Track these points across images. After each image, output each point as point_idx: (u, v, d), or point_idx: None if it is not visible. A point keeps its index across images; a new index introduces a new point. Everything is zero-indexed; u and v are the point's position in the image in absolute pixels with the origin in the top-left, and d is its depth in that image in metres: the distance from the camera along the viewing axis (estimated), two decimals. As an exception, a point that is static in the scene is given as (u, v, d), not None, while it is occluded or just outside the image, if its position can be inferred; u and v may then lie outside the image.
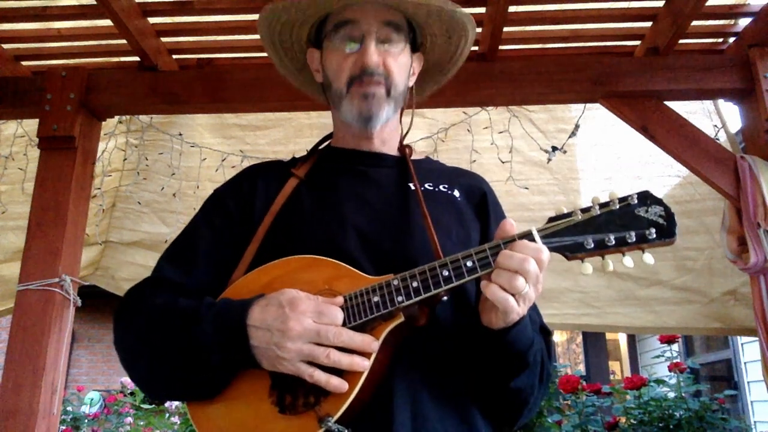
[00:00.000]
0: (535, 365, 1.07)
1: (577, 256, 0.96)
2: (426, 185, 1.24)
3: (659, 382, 3.42)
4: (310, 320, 0.96)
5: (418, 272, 0.99)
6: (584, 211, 0.97)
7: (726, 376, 6.70)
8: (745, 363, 6.13)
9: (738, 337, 6.01)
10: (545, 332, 1.21)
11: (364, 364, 0.95)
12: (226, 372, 1.03)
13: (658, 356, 3.73)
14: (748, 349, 6.02)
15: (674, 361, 3.48)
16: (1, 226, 2.97)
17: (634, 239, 0.94)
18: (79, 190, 2.29)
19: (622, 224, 0.95)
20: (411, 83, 1.32)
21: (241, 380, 1.03)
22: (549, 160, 2.64)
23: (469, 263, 0.97)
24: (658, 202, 0.95)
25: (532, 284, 0.94)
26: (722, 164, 2.18)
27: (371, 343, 0.97)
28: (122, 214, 3.15)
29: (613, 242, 0.94)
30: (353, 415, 0.96)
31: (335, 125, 1.34)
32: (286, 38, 1.34)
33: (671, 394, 3.36)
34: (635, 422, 3.24)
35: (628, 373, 9.10)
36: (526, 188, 2.79)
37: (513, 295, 0.93)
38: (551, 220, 0.99)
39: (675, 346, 3.57)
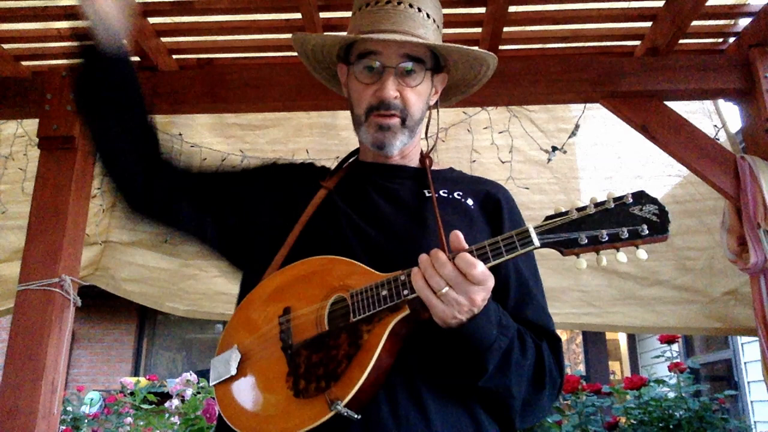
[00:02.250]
0: (505, 368, 1.08)
1: (571, 251, 1.00)
2: (441, 192, 1.31)
3: (659, 382, 3.41)
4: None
5: None
6: (580, 209, 1.01)
7: (726, 376, 6.70)
8: (745, 363, 6.13)
9: (738, 337, 6.01)
10: (550, 336, 1.22)
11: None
12: None
13: (658, 356, 3.72)
14: (748, 349, 6.02)
15: (674, 361, 3.48)
16: (1, 226, 2.97)
17: (627, 235, 0.97)
18: (79, 190, 2.29)
19: (617, 222, 0.98)
20: (433, 101, 1.40)
21: (262, 367, 1.14)
22: (549, 160, 2.64)
23: None
24: (653, 200, 0.98)
25: (455, 288, 0.99)
26: (722, 164, 2.18)
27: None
28: (122, 214, 3.14)
29: (606, 238, 0.98)
30: (363, 402, 1.02)
31: (359, 140, 1.41)
32: (318, 54, 1.44)
33: (671, 394, 3.35)
34: (635, 422, 3.24)
35: (628, 373, 9.10)
36: (527, 188, 2.79)
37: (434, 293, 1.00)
38: (548, 218, 1.03)
39: (675, 346, 3.56)
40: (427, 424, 1.05)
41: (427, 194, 1.29)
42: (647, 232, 0.96)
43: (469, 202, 1.32)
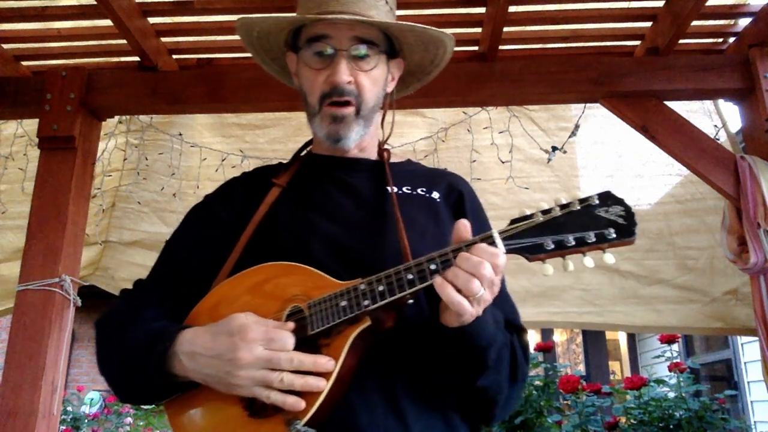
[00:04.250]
0: (499, 364, 1.06)
1: (537, 257, 0.96)
2: (404, 188, 1.26)
3: (659, 382, 3.42)
4: (260, 348, 0.98)
5: (384, 276, 1.00)
6: (545, 212, 0.97)
7: (726, 376, 6.69)
8: (745, 363, 6.13)
9: (738, 337, 6.01)
10: (518, 329, 1.19)
11: (319, 385, 0.97)
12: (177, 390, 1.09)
13: (658, 356, 3.73)
14: (748, 349, 6.02)
15: (674, 361, 3.48)
16: (1, 226, 2.97)
17: (594, 239, 0.94)
18: (79, 190, 2.29)
19: (582, 225, 0.95)
20: (390, 88, 1.33)
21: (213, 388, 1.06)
22: (549, 160, 2.64)
23: (432, 266, 0.98)
24: (619, 201, 0.95)
25: (487, 287, 0.95)
26: (722, 164, 2.18)
27: (326, 363, 0.98)
28: (122, 214, 3.15)
29: (573, 243, 0.94)
30: (324, 416, 0.97)
31: (313, 132, 1.33)
32: (265, 42, 1.36)
33: (671, 394, 3.36)
34: (635, 422, 3.24)
35: (628, 373, 9.10)
36: (527, 188, 2.79)
37: (467, 297, 0.94)
38: (513, 222, 0.99)
39: (675, 346, 3.57)
40: (406, 430, 1.03)
41: (389, 190, 1.22)
42: (614, 235, 0.93)
43: (435, 195, 1.27)
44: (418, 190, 1.27)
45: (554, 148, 2.61)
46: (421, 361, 1.07)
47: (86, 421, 5.32)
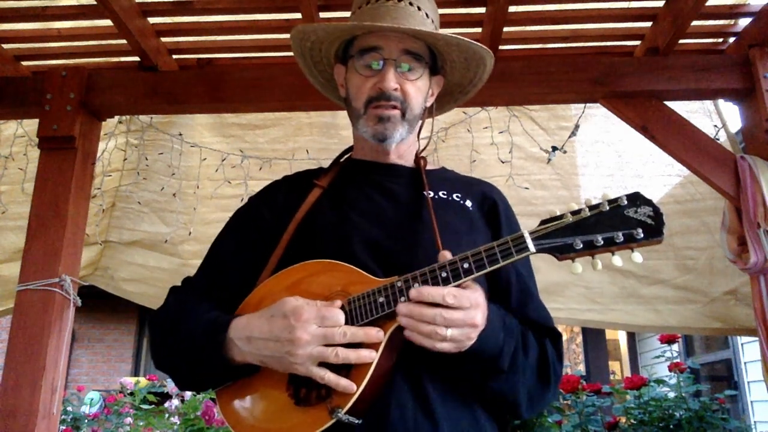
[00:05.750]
0: (515, 370, 1.10)
1: (567, 256, 1.00)
2: (440, 194, 1.31)
3: (659, 382, 3.41)
4: (315, 326, 1.03)
5: (419, 274, 1.04)
6: (574, 213, 1.00)
7: (726, 376, 6.69)
8: (745, 363, 6.13)
9: (738, 337, 6.01)
10: (551, 334, 1.23)
11: (371, 356, 1.02)
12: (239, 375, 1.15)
13: (658, 356, 3.72)
14: (748, 349, 6.02)
15: (674, 361, 3.47)
16: (1, 226, 2.96)
17: (622, 239, 0.97)
18: (79, 190, 2.29)
19: (611, 225, 0.98)
20: (429, 103, 1.40)
21: (263, 375, 1.13)
22: (549, 160, 2.64)
23: (465, 265, 1.02)
24: (648, 202, 0.98)
25: (449, 327, 0.99)
26: (722, 164, 2.18)
27: (376, 333, 1.04)
28: (122, 214, 3.15)
29: (602, 242, 0.97)
30: (364, 407, 1.02)
31: (355, 138, 1.41)
32: (316, 53, 1.43)
33: (671, 394, 3.35)
34: (635, 422, 3.24)
35: (628, 373, 9.10)
36: (527, 188, 2.79)
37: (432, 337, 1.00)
38: (543, 222, 1.02)
39: (675, 346, 3.56)
40: (435, 427, 1.06)
41: (425, 194, 1.28)
42: (642, 235, 0.96)
43: (468, 203, 1.32)
44: (453, 196, 1.33)
45: (554, 148, 2.61)
46: (447, 359, 1.10)
47: (86, 421, 5.31)
